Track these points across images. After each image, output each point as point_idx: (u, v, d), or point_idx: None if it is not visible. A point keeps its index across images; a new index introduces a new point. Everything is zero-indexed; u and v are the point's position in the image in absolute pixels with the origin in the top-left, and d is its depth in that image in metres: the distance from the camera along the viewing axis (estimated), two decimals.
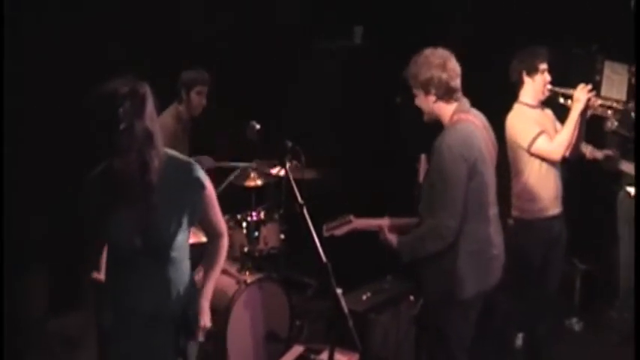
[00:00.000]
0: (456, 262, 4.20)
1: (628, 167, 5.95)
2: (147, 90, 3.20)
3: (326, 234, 4.60)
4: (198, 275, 5.12)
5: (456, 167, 4.10)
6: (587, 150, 5.91)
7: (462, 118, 4.23)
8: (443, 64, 4.19)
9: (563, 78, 5.30)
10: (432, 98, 4.22)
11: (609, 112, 5.12)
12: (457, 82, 4.23)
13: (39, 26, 5.91)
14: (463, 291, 4.21)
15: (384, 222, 4.58)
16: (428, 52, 4.25)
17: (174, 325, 3.46)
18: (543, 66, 5.21)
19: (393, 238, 4.45)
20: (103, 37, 6.17)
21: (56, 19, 6.03)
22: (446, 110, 4.26)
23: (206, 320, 3.56)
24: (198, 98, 6.11)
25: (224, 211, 3.75)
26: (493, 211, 4.34)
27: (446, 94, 4.20)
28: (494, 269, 4.37)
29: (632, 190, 6.09)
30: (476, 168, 4.15)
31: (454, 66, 4.22)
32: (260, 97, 6.94)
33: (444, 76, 4.17)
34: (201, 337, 3.57)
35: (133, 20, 6.35)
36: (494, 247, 4.33)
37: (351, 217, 4.63)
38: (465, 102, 4.30)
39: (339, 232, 4.65)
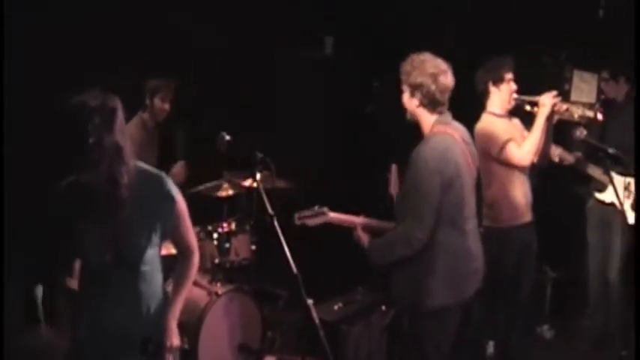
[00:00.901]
0: (427, 273, 4.19)
1: (595, 171, 6.00)
2: (117, 104, 3.17)
3: (298, 222, 4.59)
4: (169, 287, 5.10)
5: (430, 181, 4.10)
6: (557, 152, 5.96)
7: (441, 131, 4.23)
8: (436, 75, 4.18)
9: (533, 87, 5.33)
10: (416, 102, 4.23)
11: (576, 116, 5.15)
12: (444, 97, 4.22)
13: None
14: (435, 301, 4.20)
15: (359, 220, 4.57)
16: (427, 57, 4.25)
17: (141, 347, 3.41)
18: (509, 75, 5.25)
19: (365, 237, 4.46)
20: (76, 46, 6.13)
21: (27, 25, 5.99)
22: (427, 119, 4.26)
23: (174, 340, 3.49)
24: (161, 104, 6.10)
25: (195, 222, 3.73)
26: (471, 224, 4.33)
27: (430, 104, 4.21)
28: (472, 281, 4.36)
29: (601, 196, 6.14)
30: (451, 182, 4.15)
31: (446, 81, 4.21)
32: (231, 107, 6.93)
33: (433, 87, 4.16)
34: (170, 359, 3.49)
35: (103, 29, 6.32)
36: (473, 260, 4.33)
37: (325, 209, 4.60)
38: (448, 115, 4.30)
39: (311, 222, 4.63)
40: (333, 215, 4.63)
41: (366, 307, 5.61)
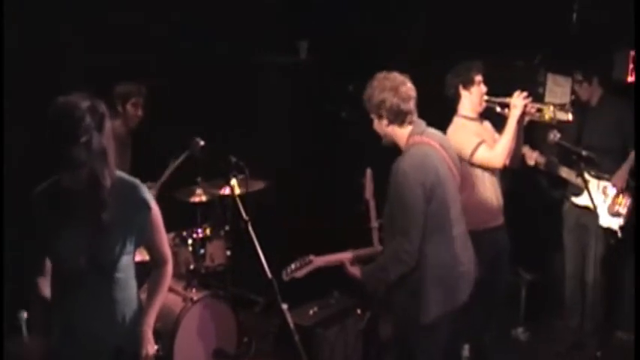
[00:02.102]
0: (421, 286, 4.19)
1: (570, 175, 6.04)
2: (104, 108, 3.22)
3: (286, 278, 4.53)
4: (143, 295, 5.07)
5: (413, 192, 4.10)
6: (534, 155, 6.00)
7: (416, 141, 4.24)
8: (396, 87, 4.19)
9: (507, 91, 5.35)
10: (385, 122, 4.23)
11: (547, 117, 5.17)
12: (410, 106, 4.22)
13: None
14: (429, 313, 4.20)
15: (346, 256, 4.56)
16: (382, 75, 4.26)
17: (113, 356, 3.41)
18: (479, 78, 5.27)
19: (356, 270, 4.45)
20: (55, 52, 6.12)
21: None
22: (400, 134, 4.26)
23: (149, 349, 3.47)
24: (133, 110, 6.07)
25: (169, 229, 3.71)
26: (458, 229, 4.34)
27: (397, 117, 4.21)
28: (463, 287, 4.37)
29: (577, 200, 6.18)
30: (434, 190, 4.15)
31: (407, 90, 4.22)
32: (205, 112, 6.91)
33: (395, 99, 4.17)
34: None
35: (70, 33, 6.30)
36: (461, 265, 4.33)
37: (311, 257, 4.57)
38: (421, 124, 4.30)
39: (299, 274, 4.58)
40: (320, 260, 4.59)
41: (342, 312, 5.60)
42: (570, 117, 5.12)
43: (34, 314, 3.57)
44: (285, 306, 3.57)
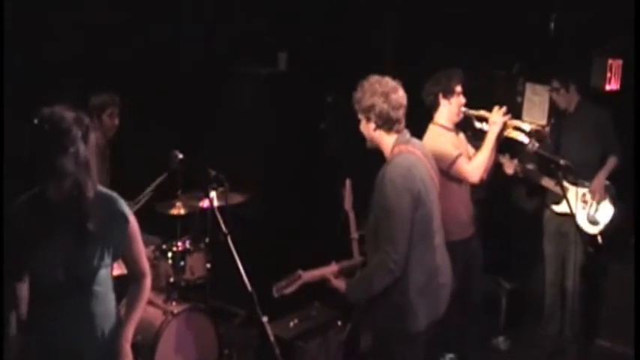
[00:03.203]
0: (406, 296, 4.18)
1: (549, 183, 6.07)
2: (89, 120, 3.25)
3: (276, 295, 4.46)
4: (123, 309, 5.04)
5: (400, 200, 4.09)
6: (513, 164, 6.03)
7: (402, 150, 4.23)
8: (387, 93, 4.18)
9: (485, 100, 5.37)
10: (373, 126, 4.22)
11: (520, 138, 5.20)
12: (399, 114, 4.21)
13: None
14: (415, 324, 4.20)
15: (331, 269, 4.53)
16: (375, 79, 4.24)
17: None
18: (459, 88, 5.29)
19: (340, 283, 4.41)
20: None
21: None
22: (386, 140, 4.26)
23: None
24: (110, 120, 6.06)
25: (149, 241, 3.70)
26: (438, 239, 4.35)
27: (385, 123, 4.21)
28: (443, 298, 4.37)
29: (557, 208, 6.21)
30: (420, 199, 4.15)
31: (398, 97, 4.21)
32: (184, 124, 6.91)
33: (385, 106, 4.16)
34: None
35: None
36: (441, 276, 4.32)
37: (300, 273, 4.50)
38: (406, 133, 4.30)
39: (289, 290, 4.49)
40: (308, 275, 4.53)
41: (322, 323, 5.59)
42: (536, 146, 5.19)
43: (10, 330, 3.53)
44: (265, 319, 3.58)
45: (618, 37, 6.38)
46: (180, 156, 4.03)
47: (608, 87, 6.67)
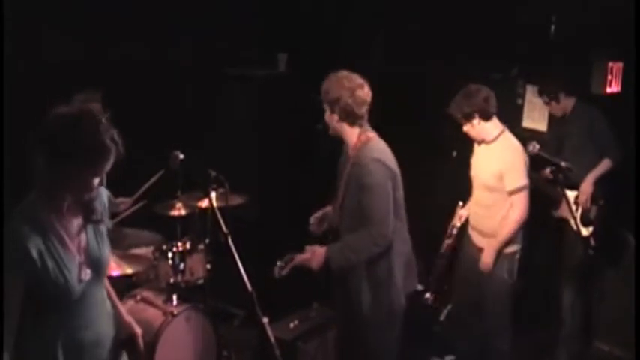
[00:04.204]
0: (391, 269, 4.38)
1: (547, 188, 6.09)
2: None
3: (277, 275, 4.64)
4: (127, 305, 5.08)
5: (384, 179, 4.28)
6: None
7: (370, 137, 4.42)
8: (353, 89, 4.32)
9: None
10: (336, 117, 4.38)
11: None
12: (363, 110, 4.38)
13: None
14: (399, 297, 4.41)
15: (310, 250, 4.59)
16: (344, 73, 4.41)
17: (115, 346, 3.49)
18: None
19: (320, 251, 4.47)
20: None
21: None
22: (349, 132, 4.43)
23: (137, 329, 3.67)
24: None
25: (149, 242, 3.71)
26: (404, 215, 4.58)
27: (348, 117, 4.35)
28: (415, 270, 4.63)
29: (555, 212, 6.29)
30: (395, 179, 4.37)
31: (364, 94, 4.35)
32: (183, 125, 6.90)
33: (350, 100, 4.31)
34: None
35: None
36: (410, 251, 4.60)
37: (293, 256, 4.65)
38: (368, 127, 4.46)
39: (285, 271, 4.66)
40: (297, 257, 4.64)
41: (322, 324, 5.60)
42: (537, 148, 5.35)
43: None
44: (265, 319, 3.57)
45: (619, 39, 6.38)
46: (181, 157, 4.03)
47: (608, 89, 6.67)
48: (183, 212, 5.70)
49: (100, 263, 3.33)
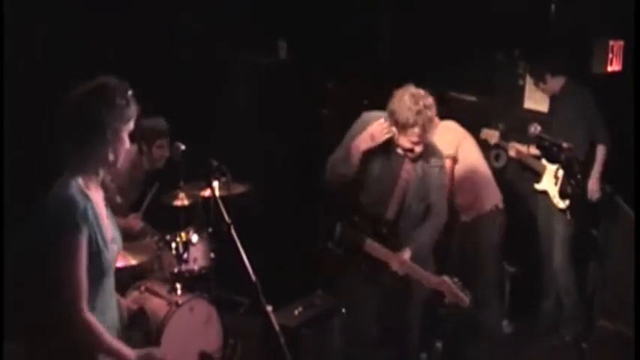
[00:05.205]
0: None
1: (533, 162, 6.29)
2: None
3: None
4: (132, 296, 5.08)
5: None
6: (495, 134, 6.08)
7: None
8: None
9: (488, 84, 5.36)
10: None
11: None
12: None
13: None
14: None
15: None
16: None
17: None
18: None
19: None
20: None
21: None
22: None
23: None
24: (160, 152, 5.86)
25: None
26: None
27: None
28: None
29: (537, 186, 6.41)
30: None
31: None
32: (184, 112, 6.88)
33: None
34: None
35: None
36: None
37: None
38: None
39: None
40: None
41: (326, 311, 5.61)
42: (538, 129, 5.32)
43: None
44: (270, 308, 3.57)
45: (620, 18, 6.37)
46: (182, 147, 4.02)
47: (609, 68, 6.66)
48: (186, 202, 5.70)
49: (119, 243, 3.35)
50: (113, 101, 3.13)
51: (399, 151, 4.74)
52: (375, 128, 4.65)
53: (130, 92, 3.23)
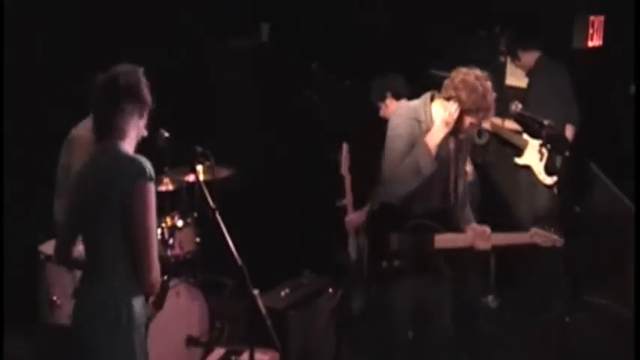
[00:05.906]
0: None
1: (513, 137, 6.35)
2: None
3: None
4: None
5: None
6: (490, 120, 6.12)
7: None
8: None
9: (467, 59, 5.34)
10: None
11: None
12: None
13: None
14: None
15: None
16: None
17: None
18: None
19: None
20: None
21: None
22: None
23: None
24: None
25: None
26: None
27: None
28: None
29: (519, 160, 6.43)
30: None
31: None
32: (168, 97, 6.84)
33: None
34: None
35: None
36: None
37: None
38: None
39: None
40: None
41: (313, 291, 5.64)
42: (519, 107, 5.32)
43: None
44: (256, 292, 3.59)
45: None
46: (166, 134, 4.04)
47: (590, 43, 6.68)
48: (170, 187, 5.70)
49: None
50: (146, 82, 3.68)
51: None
52: (446, 117, 4.40)
53: None
